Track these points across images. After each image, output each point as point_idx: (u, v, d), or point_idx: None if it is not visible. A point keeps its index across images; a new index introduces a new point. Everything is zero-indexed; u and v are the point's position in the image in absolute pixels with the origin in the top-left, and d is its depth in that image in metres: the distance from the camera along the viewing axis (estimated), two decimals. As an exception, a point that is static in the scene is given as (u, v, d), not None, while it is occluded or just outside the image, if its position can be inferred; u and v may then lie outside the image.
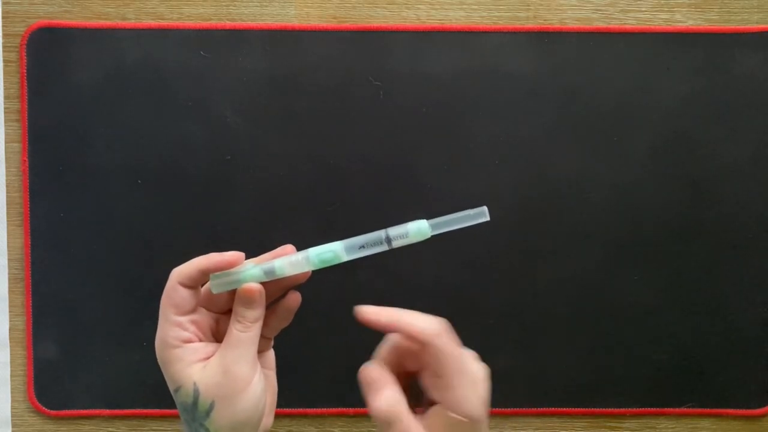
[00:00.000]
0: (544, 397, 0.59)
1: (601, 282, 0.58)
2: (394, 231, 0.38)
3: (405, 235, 0.38)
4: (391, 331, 0.38)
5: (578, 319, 0.58)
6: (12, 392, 0.58)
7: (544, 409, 0.59)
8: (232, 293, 0.40)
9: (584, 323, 0.58)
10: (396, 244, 0.38)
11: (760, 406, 0.58)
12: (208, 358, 0.39)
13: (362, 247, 0.38)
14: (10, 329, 0.58)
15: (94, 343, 0.58)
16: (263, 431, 0.41)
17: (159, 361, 0.40)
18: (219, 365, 0.39)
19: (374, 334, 0.39)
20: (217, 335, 0.41)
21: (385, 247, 0.38)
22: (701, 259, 0.58)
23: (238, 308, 0.39)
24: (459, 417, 0.36)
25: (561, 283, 0.58)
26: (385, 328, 0.37)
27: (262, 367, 0.41)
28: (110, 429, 0.59)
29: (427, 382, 0.38)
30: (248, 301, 0.39)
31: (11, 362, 0.58)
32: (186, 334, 0.39)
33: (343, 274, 0.57)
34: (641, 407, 0.59)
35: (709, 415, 0.59)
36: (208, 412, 0.38)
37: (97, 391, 0.58)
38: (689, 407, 0.59)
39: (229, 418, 0.38)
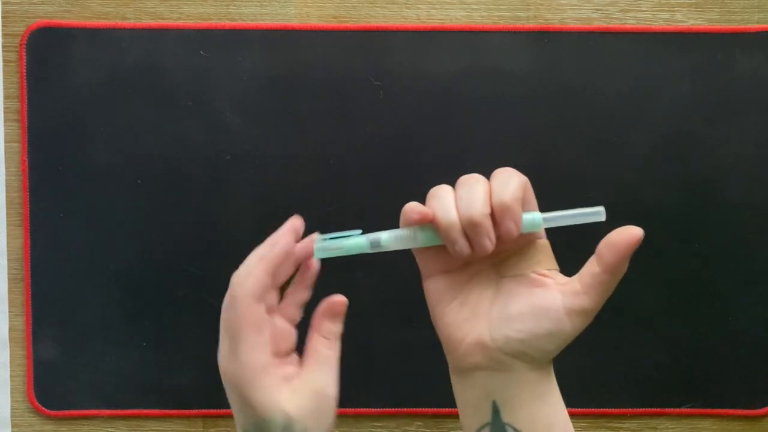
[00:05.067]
0: (544, 397, 0.59)
1: (601, 282, 0.58)
2: None
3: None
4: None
5: (578, 319, 0.58)
6: (12, 392, 0.58)
7: (544, 409, 0.58)
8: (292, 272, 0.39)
9: (584, 323, 0.58)
10: None
11: (760, 406, 0.58)
12: (287, 378, 0.36)
13: None
14: (10, 329, 0.58)
15: (94, 343, 0.58)
16: None
17: (237, 391, 0.35)
18: (311, 388, 0.36)
19: (373, 336, 0.39)
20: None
21: None
22: (701, 259, 0.58)
23: (324, 323, 0.38)
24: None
25: (561, 283, 0.57)
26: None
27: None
28: (110, 429, 0.59)
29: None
30: (335, 314, 0.38)
31: (11, 362, 0.58)
32: (267, 355, 0.35)
33: (341, 273, 0.57)
34: (641, 407, 0.58)
35: (709, 415, 0.59)
36: None
37: (97, 391, 0.58)
38: (689, 407, 0.58)
39: None
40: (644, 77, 0.57)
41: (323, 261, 0.40)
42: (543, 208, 0.39)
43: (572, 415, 0.59)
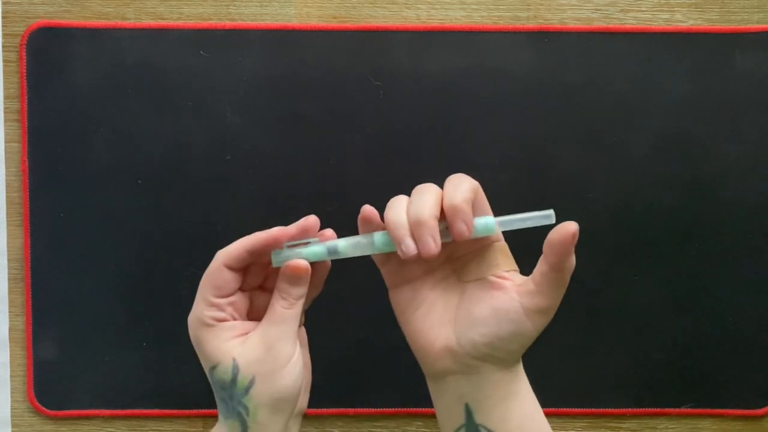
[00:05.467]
0: (544, 397, 0.59)
1: (601, 282, 0.58)
2: None
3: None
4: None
5: (578, 319, 0.58)
6: (12, 392, 0.58)
7: (544, 409, 0.58)
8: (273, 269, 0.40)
9: (584, 323, 0.58)
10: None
11: (760, 406, 0.58)
12: (244, 334, 0.39)
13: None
14: (10, 329, 0.58)
15: (94, 343, 0.58)
16: (299, 410, 0.41)
17: (193, 339, 0.39)
18: (261, 341, 0.38)
19: (374, 336, 0.40)
20: (251, 313, 0.41)
21: (449, 239, 0.38)
22: (701, 259, 0.58)
23: (283, 285, 0.39)
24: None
25: (561, 283, 0.57)
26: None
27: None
28: (110, 429, 0.59)
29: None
30: (295, 278, 0.39)
31: (11, 362, 0.58)
32: (222, 315, 0.39)
33: (340, 273, 0.57)
34: (641, 407, 0.59)
35: (709, 415, 0.59)
36: (247, 389, 0.38)
37: (97, 391, 0.58)
38: (689, 407, 0.59)
39: (269, 395, 0.38)
40: (644, 77, 0.57)
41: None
42: (541, 208, 0.40)
43: (572, 415, 0.60)
